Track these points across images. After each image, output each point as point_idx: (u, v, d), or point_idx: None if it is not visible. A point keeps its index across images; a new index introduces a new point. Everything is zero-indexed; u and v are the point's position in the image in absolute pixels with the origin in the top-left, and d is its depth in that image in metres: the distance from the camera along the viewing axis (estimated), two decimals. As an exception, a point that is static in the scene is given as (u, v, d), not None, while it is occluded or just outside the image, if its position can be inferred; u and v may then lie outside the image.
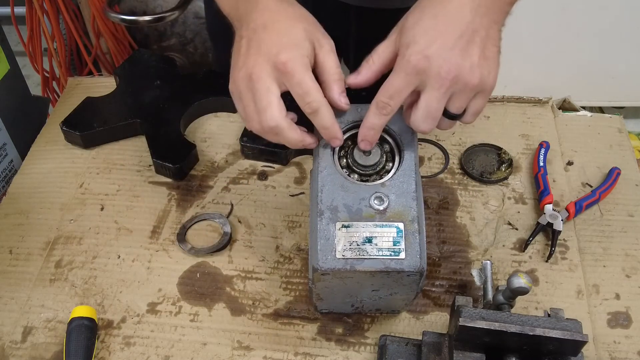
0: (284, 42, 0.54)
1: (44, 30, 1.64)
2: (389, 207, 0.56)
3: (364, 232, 0.56)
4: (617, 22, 1.77)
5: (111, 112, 0.89)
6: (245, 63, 0.55)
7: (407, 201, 0.57)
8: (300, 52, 0.54)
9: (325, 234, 0.56)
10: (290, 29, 0.56)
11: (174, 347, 0.67)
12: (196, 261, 0.75)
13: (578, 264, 0.74)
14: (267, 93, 0.54)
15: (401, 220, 0.56)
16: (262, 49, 0.55)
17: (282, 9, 0.57)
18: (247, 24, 0.57)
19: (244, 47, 0.56)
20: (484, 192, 0.82)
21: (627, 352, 0.66)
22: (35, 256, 0.75)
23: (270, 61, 0.54)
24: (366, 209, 0.56)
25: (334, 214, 0.56)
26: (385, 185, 0.58)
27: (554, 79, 1.80)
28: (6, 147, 0.90)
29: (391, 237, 0.55)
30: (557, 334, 0.50)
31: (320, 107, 0.55)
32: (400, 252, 0.55)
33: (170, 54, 1.84)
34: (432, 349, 0.59)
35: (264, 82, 0.54)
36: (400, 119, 0.59)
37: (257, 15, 0.56)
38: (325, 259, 0.55)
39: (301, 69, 0.54)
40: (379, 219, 0.56)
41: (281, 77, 0.54)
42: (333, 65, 0.57)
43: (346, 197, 0.57)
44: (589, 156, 0.87)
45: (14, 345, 0.67)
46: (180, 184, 0.83)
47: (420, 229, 0.56)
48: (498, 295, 0.57)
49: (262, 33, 0.55)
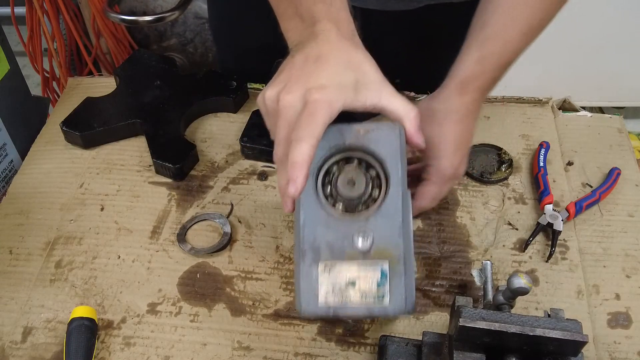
0: (325, 80, 0.52)
1: (44, 30, 1.64)
2: (374, 245, 0.53)
3: (347, 274, 0.53)
4: (617, 22, 1.77)
5: (111, 112, 0.89)
6: (281, 84, 0.53)
7: (393, 238, 0.53)
8: (335, 97, 0.51)
9: (307, 276, 0.53)
10: (341, 71, 0.53)
11: (174, 347, 0.67)
12: (196, 261, 0.75)
13: (578, 264, 0.74)
14: (287, 127, 0.52)
15: (386, 259, 0.53)
16: (302, 79, 0.52)
17: (342, 48, 0.54)
18: (302, 49, 0.55)
19: (287, 67, 0.55)
20: (484, 192, 0.82)
21: (627, 353, 0.66)
22: (35, 256, 0.75)
23: (303, 93, 0.51)
24: (350, 247, 0.53)
25: (316, 254, 0.53)
26: (370, 221, 0.53)
27: (554, 79, 1.80)
28: (6, 147, 0.90)
29: (375, 279, 0.52)
30: (557, 334, 0.50)
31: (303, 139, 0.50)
32: (384, 297, 0.52)
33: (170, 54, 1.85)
34: (432, 349, 0.59)
35: (287, 112, 0.52)
36: (388, 142, 0.54)
37: (314, 45, 0.54)
38: (307, 304, 0.53)
39: (322, 108, 0.50)
40: (363, 259, 0.53)
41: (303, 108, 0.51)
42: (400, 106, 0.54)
43: (329, 234, 0.53)
44: (589, 156, 0.86)
45: (14, 346, 0.67)
46: (180, 184, 0.83)
47: (407, 269, 0.53)
48: (498, 295, 0.57)
49: (312, 64, 0.53)
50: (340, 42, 0.54)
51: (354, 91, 0.52)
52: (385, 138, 0.54)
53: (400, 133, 0.54)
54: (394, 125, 0.54)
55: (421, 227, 0.78)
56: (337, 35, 0.54)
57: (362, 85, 0.53)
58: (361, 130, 0.54)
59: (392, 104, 0.54)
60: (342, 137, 0.54)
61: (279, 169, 0.54)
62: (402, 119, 0.54)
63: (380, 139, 0.54)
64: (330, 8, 0.56)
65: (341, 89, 0.52)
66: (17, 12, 1.66)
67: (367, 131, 0.54)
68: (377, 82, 0.54)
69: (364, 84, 0.53)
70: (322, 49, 0.54)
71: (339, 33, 0.55)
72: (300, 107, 0.51)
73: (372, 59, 0.56)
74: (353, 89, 0.52)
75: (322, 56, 0.53)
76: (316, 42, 0.54)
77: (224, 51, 1.07)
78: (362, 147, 0.54)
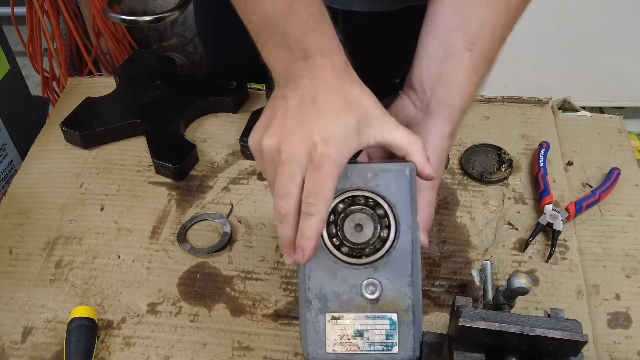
0: (330, 131, 0.49)
1: (44, 30, 1.64)
2: (382, 295, 0.52)
3: (355, 324, 0.52)
4: (617, 22, 1.77)
5: (111, 112, 0.89)
6: (279, 132, 0.50)
7: (402, 287, 0.52)
8: (342, 150, 0.49)
9: (314, 325, 0.52)
10: (342, 116, 0.50)
11: (174, 347, 0.67)
12: (196, 261, 0.75)
13: (578, 264, 0.74)
14: (290, 181, 0.50)
15: (395, 310, 0.52)
16: (303, 128, 0.49)
17: (339, 86, 0.51)
18: (295, 87, 0.51)
19: (282, 110, 0.51)
20: (484, 192, 0.82)
21: (627, 353, 0.66)
22: (35, 256, 0.75)
23: (306, 146, 0.49)
24: (357, 297, 0.52)
25: (323, 304, 0.52)
26: (378, 269, 0.52)
27: (554, 79, 1.80)
28: (6, 147, 0.90)
29: (384, 329, 0.52)
30: (557, 335, 0.50)
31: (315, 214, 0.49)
32: (393, 347, 0.52)
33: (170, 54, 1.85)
34: (432, 349, 0.59)
35: (290, 166, 0.49)
36: (398, 186, 0.52)
37: (309, 83, 0.51)
38: (315, 353, 0.52)
39: (331, 170, 0.49)
40: (371, 310, 0.52)
41: (309, 165, 0.49)
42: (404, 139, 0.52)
43: (335, 284, 0.52)
44: (589, 156, 0.87)
45: (13, 346, 0.67)
46: (180, 184, 0.83)
47: (416, 318, 0.52)
48: (498, 295, 0.57)
49: (310, 109, 0.50)
50: (336, 79, 0.52)
51: (357, 135, 0.51)
52: (395, 182, 0.52)
53: (411, 174, 0.52)
54: (404, 166, 0.52)
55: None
56: (332, 71, 0.52)
57: (363, 125, 0.51)
58: (369, 174, 0.52)
59: (396, 138, 0.52)
60: (349, 180, 0.52)
61: (281, 223, 0.51)
62: (410, 154, 0.52)
63: (390, 182, 0.52)
64: (322, 38, 0.52)
65: (345, 137, 0.50)
66: (17, 12, 1.66)
67: (375, 174, 0.52)
68: (378, 118, 0.52)
69: (365, 122, 0.51)
70: (318, 89, 0.51)
71: (333, 68, 0.52)
72: (304, 162, 0.49)
73: (369, 90, 0.53)
74: (356, 132, 0.50)
75: (319, 99, 0.50)
76: (310, 80, 0.51)
77: (211, 53, 1.07)
78: (371, 191, 0.52)
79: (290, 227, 0.51)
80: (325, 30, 0.53)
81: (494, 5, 0.57)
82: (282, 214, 0.50)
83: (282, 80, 0.53)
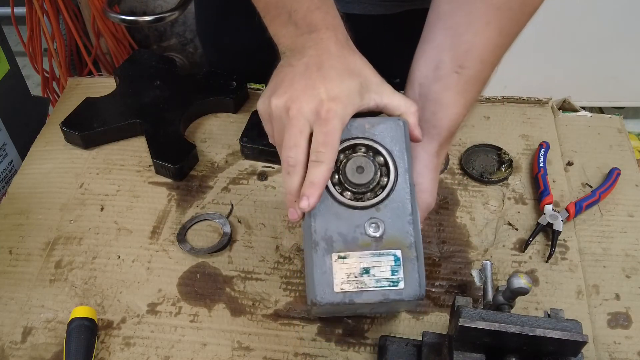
0: (335, 91, 0.53)
1: (44, 30, 1.64)
2: (385, 233, 0.54)
3: (361, 262, 0.54)
4: (616, 22, 1.77)
5: (111, 113, 0.89)
6: (288, 93, 0.54)
7: (404, 225, 0.55)
8: (346, 107, 0.54)
9: (321, 267, 0.54)
10: (346, 80, 0.55)
11: (174, 347, 0.67)
12: (196, 261, 0.75)
13: (578, 264, 0.74)
14: (299, 134, 0.53)
15: (398, 247, 0.54)
16: (309, 88, 0.54)
17: (342, 55, 0.56)
18: (301, 56, 0.56)
19: (289, 75, 0.55)
20: (484, 192, 0.82)
21: (627, 353, 0.66)
22: (35, 256, 0.75)
23: (314, 103, 0.53)
24: (362, 236, 0.54)
25: (329, 245, 0.54)
26: (380, 210, 0.55)
27: (554, 79, 1.80)
28: (6, 147, 0.90)
29: (389, 266, 0.54)
30: (557, 335, 0.50)
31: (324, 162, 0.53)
32: (399, 282, 0.54)
33: (170, 54, 1.85)
34: (432, 349, 0.59)
35: (298, 121, 0.53)
36: (393, 133, 0.56)
37: (314, 53, 0.55)
38: (323, 293, 0.53)
39: (337, 123, 0.53)
40: (376, 247, 0.54)
41: (316, 120, 0.53)
42: (402, 103, 0.57)
43: (340, 225, 0.55)
44: (589, 156, 0.87)
45: (13, 346, 0.67)
46: (180, 184, 0.83)
47: (419, 255, 0.55)
48: (498, 295, 0.57)
49: (316, 73, 0.54)
50: (340, 50, 0.56)
51: (360, 96, 0.55)
52: (390, 130, 0.56)
53: (405, 125, 0.56)
54: (397, 118, 0.57)
55: (421, 227, 0.78)
56: (336, 43, 0.56)
57: (365, 89, 0.55)
58: (367, 125, 0.56)
59: (394, 101, 0.56)
60: (349, 131, 0.56)
61: (289, 173, 0.54)
62: (405, 113, 0.57)
63: (386, 130, 0.56)
64: (327, 16, 0.57)
65: (349, 97, 0.54)
66: (17, 12, 1.66)
67: (372, 125, 0.56)
68: (377, 84, 0.57)
69: (366, 87, 0.55)
70: (323, 58, 0.55)
71: (337, 41, 0.56)
72: (312, 118, 0.53)
73: (368, 62, 0.58)
74: (358, 94, 0.55)
75: (324, 65, 0.55)
76: (316, 50, 0.55)
77: (211, 54, 1.08)
78: (369, 138, 0.56)
79: (298, 176, 0.54)
80: (329, 8, 0.58)
81: (483, 27, 0.59)
82: (291, 164, 0.54)
83: (288, 52, 0.58)
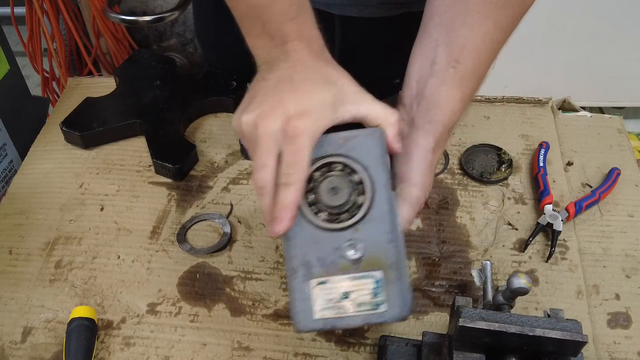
0: (305, 106, 0.51)
1: (44, 30, 1.64)
2: (365, 254, 0.52)
3: (341, 287, 0.52)
4: (616, 22, 1.77)
5: (111, 112, 0.89)
6: (257, 110, 0.52)
7: (384, 245, 0.52)
8: (316, 122, 0.51)
9: (301, 294, 0.52)
10: (318, 91, 0.52)
11: (173, 347, 0.67)
12: (196, 261, 0.75)
13: (578, 264, 0.74)
14: (267, 153, 0.51)
15: (379, 267, 0.51)
16: (279, 104, 0.51)
17: (316, 66, 0.54)
18: (274, 70, 0.54)
19: (262, 90, 0.53)
20: (483, 192, 0.82)
21: (627, 353, 0.66)
22: (35, 256, 0.75)
23: (282, 120, 0.50)
24: (341, 259, 0.52)
25: (307, 271, 0.52)
26: (359, 230, 0.52)
27: (554, 79, 1.80)
28: (6, 147, 0.90)
29: (370, 289, 0.51)
30: (557, 335, 0.50)
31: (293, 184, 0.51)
32: (381, 305, 0.52)
33: (170, 54, 1.85)
34: (432, 349, 0.59)
35: (266, 140, 0.51)
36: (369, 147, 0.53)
37: (287, 66, 0.53)
38: (304, 321, 0.52)
39: (305, 141, 0.50)
40: (356, 270, 0.52)
41: (284, 139, 0.51)
42: (380, 113, 0.53)
43: (318, 249, 0.52)
44: (589, 156, 0.87)
45: (13, 346, 0.67)
46: (180, 184, 0.83)
47: (401, 274, 0.52)
48: (498, 295, 0.57)
49: (287, 86, 0.52)
50: (314, 61, 0.54)
51: (333, 109, 0.52)
52: (366, 144, 0.53)
53: (381, 137, 0.53)
54: (374, 130, 0.53)
55: (421, 227, 0.78)
56: (309, 54, 0.54)
57: (339, 100, 0.52)
58: (340, 139, 0.53)
59: (372, 110, 0.53)
60: (322, 147, 0.53)
61: (260, 195, 0.53)
62: (383, 124, 0.54)
63: (361, 145, 0.53)
64: (302, 26, 0.55)
65: (320, 111, 0.51)
66: (17, 12, 1.66)
67: (346, 139, 0.53)
68: (354, 93, 0.54)
69: (341, 98, 0.53)
70: (295, 69, 0.53)
71: (311, 52, 0.54)
72: (280, 135, 0.51)
73: (345, 72, 0.55)
74: (331, 106, 0.52)
75: (296, 77, 0.52)
76: (288, 62, 0.53)
77: (210, 55, 1.08)
78: (344, 155, 0.53)
79: (268, 197, 0.52)
80: (304, 19, 0.55)
81: (479, 22, 0.58)
82: (260, 185, 0.52)
83: (264, 65, 0.56)
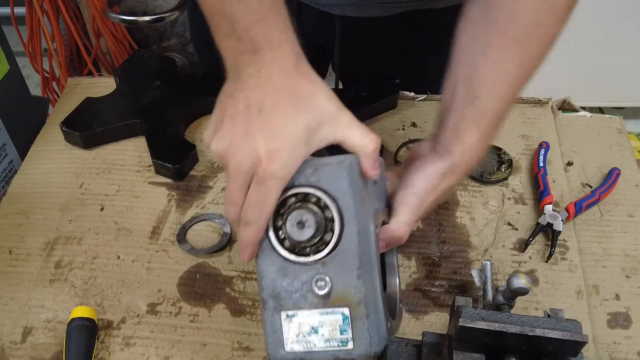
0: (276, 144, 0.48)
1: (44, 30, 1.64)
2: (333, 290, 0.50)
3: (309, 321, 0.51)
4: (616, 22, 1.77)
5: (111, 113, 0.89)
6: (227, 139, 0.50)
7: (352, 281, 0.50)
8: (287, 164, 0.49)
9: (272, 325, 0.52)
10: (290, 125, 0.49)
11: (174, 347, 0.67)
12: (196, 262, 0.75)
13: (578, 265, 0.74)
14: (238, 190, 0.51)
15: (347, 304, 0.50)
16: (249, 139, 0.49)
17: (288, 85, 0.50)
18: (242, 87, 0.51)
19: (230, 112, 0.51)
20: (483, 192, 0.82)
21: (627, 353, 0.66)
22: (35, 256, 0.75)
23: (252, 158, 0.49)
24: (309, 294, 0.51)
25: (277, 303, 0.51)
26: (326, 265, 0.50)
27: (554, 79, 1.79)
28: (6, 147, 0.90)
29: (337, 325, 0.51)
30: (557, 335, 0.50)
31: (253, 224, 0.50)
32: (348, 342, 0.51)
33: (170, 54, 1.85)
34: (431, 349, 0.59)
35: (237, 178, 0.50)
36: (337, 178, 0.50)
37: (255, 84, 0.50)
38: (275, 353, 0.52)
39: (274, 185, 0.49)
40: (324, 305, 0.51)
41: (254, 176, 0.50)
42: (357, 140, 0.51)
43: (287, 281, 0.51)
44: (589, 156, 0.87)
45: (13, 346, 0.67)
46: (180, 184, 0.83)
47: (369, 311, 0.50)
48: (498, 295, 0.57)
49: (256, 117, 0.49)
50: (285, 78, 0.50)
51: (306, 143, 0.50)
52: (335, 174, 0.50)
53: (350, 166, 0.50)
54: (344, 158, 0.51)
55: (421, 227, 0.78)
56: (281, 69, 0.50)
57: (313, 130, 0.50)
58: (309, 170, 0.51)
59: (349, 137, 0.51)
60: (291, 179, 0.51)
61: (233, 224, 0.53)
62: (358, 152, 0.51)
63: (331, 174, 0.50)
64: (272, 29, 0.50)
65: (292, 150, 0.49)
66: (17, 12, 1.66)
67: (316, 169, 0.51)
68: (330, 116, 0.51)
69: (316, 125, 0.50)
70: (265, 91, 0.50)
71: (282, 65, 0.50)
72: (250, 172, 0.49)
73: (323, 85, 0.52)
74: (304, 141, 0.50)
75: (266, 106, 0.49)
76: (257, 79, 0.50)
77: (206, 59, 1.07)
78: (312, 186, 0.51)
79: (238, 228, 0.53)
80: (276, 19, 0.50)
81: (498, 58, 0.58)
82: (232, 219, 0.53)
83: (233, 72, 0.52)
